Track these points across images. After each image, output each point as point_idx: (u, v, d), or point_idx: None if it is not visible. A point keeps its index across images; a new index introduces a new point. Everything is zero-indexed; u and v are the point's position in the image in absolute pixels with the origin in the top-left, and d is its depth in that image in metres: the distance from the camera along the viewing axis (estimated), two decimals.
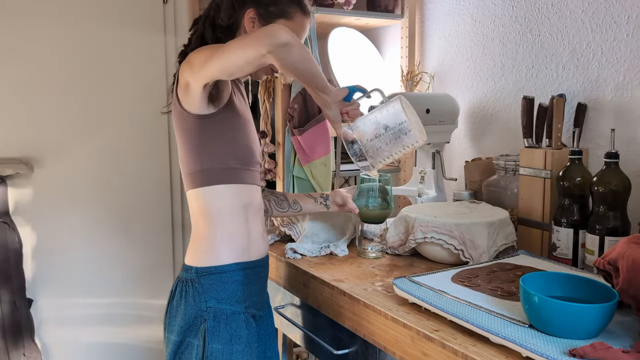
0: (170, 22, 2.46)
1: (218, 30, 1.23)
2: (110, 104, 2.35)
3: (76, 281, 2.35)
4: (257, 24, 1.20)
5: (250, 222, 1.23)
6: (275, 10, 1.20)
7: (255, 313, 1.25)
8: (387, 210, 1.41)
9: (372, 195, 1.40)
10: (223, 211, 1.20)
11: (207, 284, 1.18)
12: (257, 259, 1.25)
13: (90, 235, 2.36)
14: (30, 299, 2.24)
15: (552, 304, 0.87)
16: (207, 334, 1.16)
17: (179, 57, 1.26)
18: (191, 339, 1.17)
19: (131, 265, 2.44)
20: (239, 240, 1.21)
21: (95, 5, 2.29)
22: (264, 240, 1.28)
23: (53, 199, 2.28)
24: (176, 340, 1.19)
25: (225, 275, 1.19)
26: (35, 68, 2.22)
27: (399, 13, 2.04)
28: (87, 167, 2.33)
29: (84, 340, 2.39)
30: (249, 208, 1.22)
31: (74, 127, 2.30)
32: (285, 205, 1.42)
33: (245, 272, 1.21)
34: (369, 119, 1.16)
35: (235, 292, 1.19)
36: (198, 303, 1.17)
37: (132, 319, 2.46)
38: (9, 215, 2.18)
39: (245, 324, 1.20)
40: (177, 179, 2.52)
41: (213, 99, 1.17)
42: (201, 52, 1.10)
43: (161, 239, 2.49)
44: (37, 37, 2.21)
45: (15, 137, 2.21)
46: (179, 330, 1.18)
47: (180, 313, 1.19)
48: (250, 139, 1.22)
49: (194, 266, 1.19)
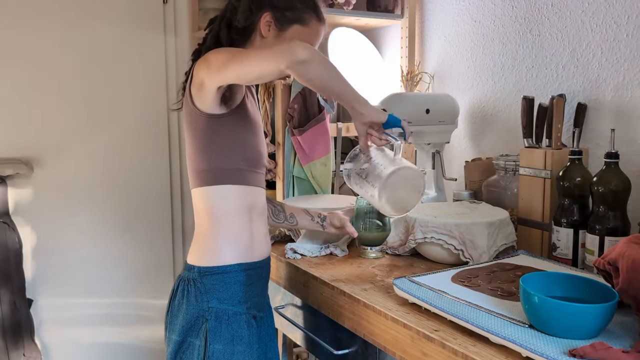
0: (170, 22, 2.46)
1: (234, 32, 1.24)
2: (110, 103, 2.35)
3: (76, 281, 2.35)
4: (273, 28, 1.20)
5: (254, 224, 1.23)
6: (292, 16, 1.20)
7: (256, 314, 1.25)
8: (385, 232, 1.41)
9: (369, 217, 1.40)
10: (227, 211, 1.20)
11: (210, 283, 1.18)
12: (260, 260, 1.25)
13: (90, 235, 2.36)
14: (30, 299, 2.24)
15: (552, 304, 0.87)
16: (208, 334, 1.16)
17: (193, 55, 1.27)
18: (192, 339, 1.17)
19: (131, 265, 2.44)
20: (242, 241, 1.21)
21: (95, 5, 2.29)
22: (266, 241, 1.28)
23: (53, 199, 2.28)
24: (177, 339, 1.19)
25: (228, 275, 1.19)
26: (36, 68, 2.22)
27: (399, 13, 2.04)
28: (87, 167, 2.33)
29: (84, 340, 2.39)
30: (253, 209, 1.22)
31: (74, 127, 2.30)
32: (282, 217, 1.42)
33: (247, 272, 1.21)
34: (365, 190, 1.22)
35: (237, 292, 1.19)
36: (200, 303, 1.17)
37: (132, 319, 2.46)
38: (9, 215, 2.18)
39: (247, 324, 1.20)
40: (177, 178, 2.52)
41: (226, 100, 1.18)
42: (220, 53, 1.11)
43: (161, 239, 2.49)
44: (38, 36, 2.21)
45: (15, 137, 2.21)
46: (180, 329, 1.18)
47: (182, 312, 1.19)
48: (259, 142, 1.23)
49: (197, 265, 1.19)
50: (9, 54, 2.17)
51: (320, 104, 1.75)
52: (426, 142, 1.79)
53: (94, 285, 2.39)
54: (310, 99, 1.74)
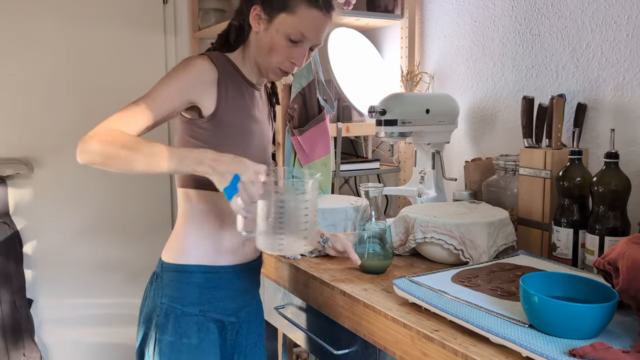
0: (170, 22, 2.46)
1: (233, 30, 1.24)
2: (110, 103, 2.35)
3: (76, 281, 2.35)
4: (262, 20, 1.17)
5: (225, 230, 1.22)
6: (277, 3, 1.15)
7: (223, 319, 1.23)
8: (388, 261, 1.31)
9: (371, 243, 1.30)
10: (197, 213, 1.21)
11: (167, 280, 1.21)
12: (228, 265, 1.23)
13: (89, 235, 2.36)
14: (30, 299, 2.24)
15: (552, 304, 0.87)
16: (157, 329, 1.19)
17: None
18: (150, 330, 1.21)
19: (131, 265, 2.44)
20: (207, 244, 1.21)
21: (95, 5, 2.30)
22: (242, 248, 1.24)
23: (53, 199, 2.28)
24: (141, 329, 1.24)
25: (184, 275, 1.20)
26: (36, 68, 2.22)
27: (398, 13, 2.04)
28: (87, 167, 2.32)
29: (84, 340, 2.39)
30: (225, 216, 1.20)
31: (74, 127, 2.29)
32: None
33: (207, 276, 1.21)
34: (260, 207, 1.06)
35: (190, 293, 1.19)
36: (155, 297, 1.21)
37: (132, 319, 2.46)
38: (9, 216, 2.18)
39: (198, 327, 1.19)
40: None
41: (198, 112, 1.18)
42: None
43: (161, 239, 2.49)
44: (37, 36, 2.21)
45: (15, 137, 2.21)
46: (143, 320, 1.23)
47: (145, 304, 1.24)
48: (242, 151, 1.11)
49: (162, 260, 1.23)
50: (9, 54, 2.17)
51: (320, 104, 1.75)
52: (426, 142, 1.79)
53: (94, 286, 2.39)
54: (310, 99, 1.74)
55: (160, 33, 2.44)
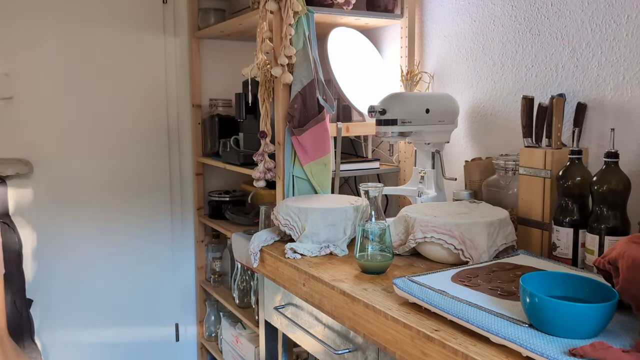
0: (170, 22, 2.46)
1: None
2: (110, 103, 2.35)
3: (76, 281, 2.35)
4: None
5: None
6: None
7: None
8: (388, 261, 1.30)
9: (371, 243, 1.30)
10: None
11: None
12: None
13: (89, 235, 2.36)
14: (30, 299, 2.24)
15: (552, 304, 0.87)
16: None
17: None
18: None
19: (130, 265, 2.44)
20: None
21: (95, 5, 2.30)
22: None
23: (53, 199, 2.28)
24: None
25: None
26: (36, 68, 2.22)
27: (398, 13, 2.04)
28: (87, 167, 2.33)
29: (84, 340, 2.39)
30: None
31: (74, 127, 2.30)
32: None
33: None
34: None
35: None
36: None
37: (132, 319, 2.46)
38: (9, 216, 2.18)
39: None
40: (177, 178, 2.52)
41: None
42: None
43: (161, 239, 2.49)
44: (37, 36, 2.21)
45: (16, 137, 2.21)
46: None
47: None
48: None
49: None
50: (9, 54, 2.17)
51: (320, 103, 1.75)
52: (426, 142, 1.79)
53: (94, 286, 2.39)
54: (310, 99, 1.74)
55: (160, 33, 2.44)
